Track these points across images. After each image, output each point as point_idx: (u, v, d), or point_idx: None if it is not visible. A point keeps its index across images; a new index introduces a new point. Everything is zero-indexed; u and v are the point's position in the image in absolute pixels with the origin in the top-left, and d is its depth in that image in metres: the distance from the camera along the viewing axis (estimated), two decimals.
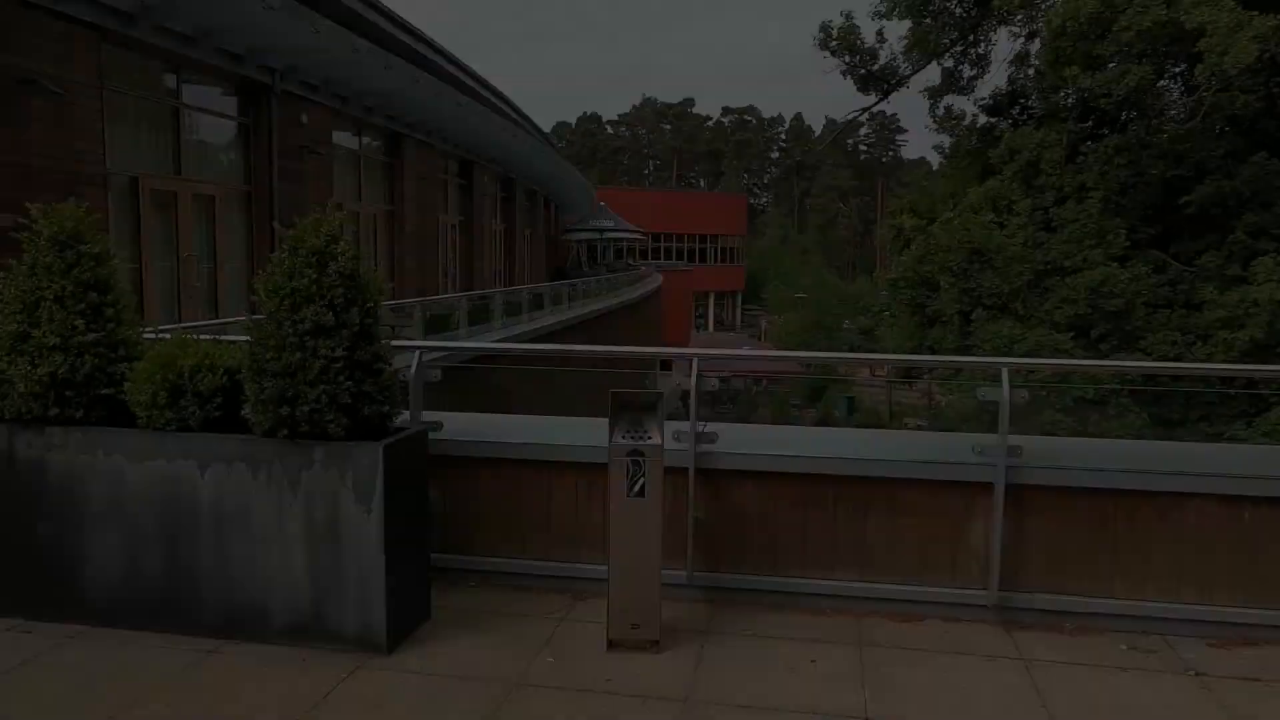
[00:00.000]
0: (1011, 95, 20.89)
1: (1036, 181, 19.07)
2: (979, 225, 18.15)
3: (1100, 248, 17.96)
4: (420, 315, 8.90)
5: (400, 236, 21.74)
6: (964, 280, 17.26)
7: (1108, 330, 18.71)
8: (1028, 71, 20.43)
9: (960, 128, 22.02)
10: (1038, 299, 18.51)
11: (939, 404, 39.13)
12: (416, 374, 4.54)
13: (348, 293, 3.80)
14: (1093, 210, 18.32)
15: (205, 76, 14.21)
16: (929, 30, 19.33)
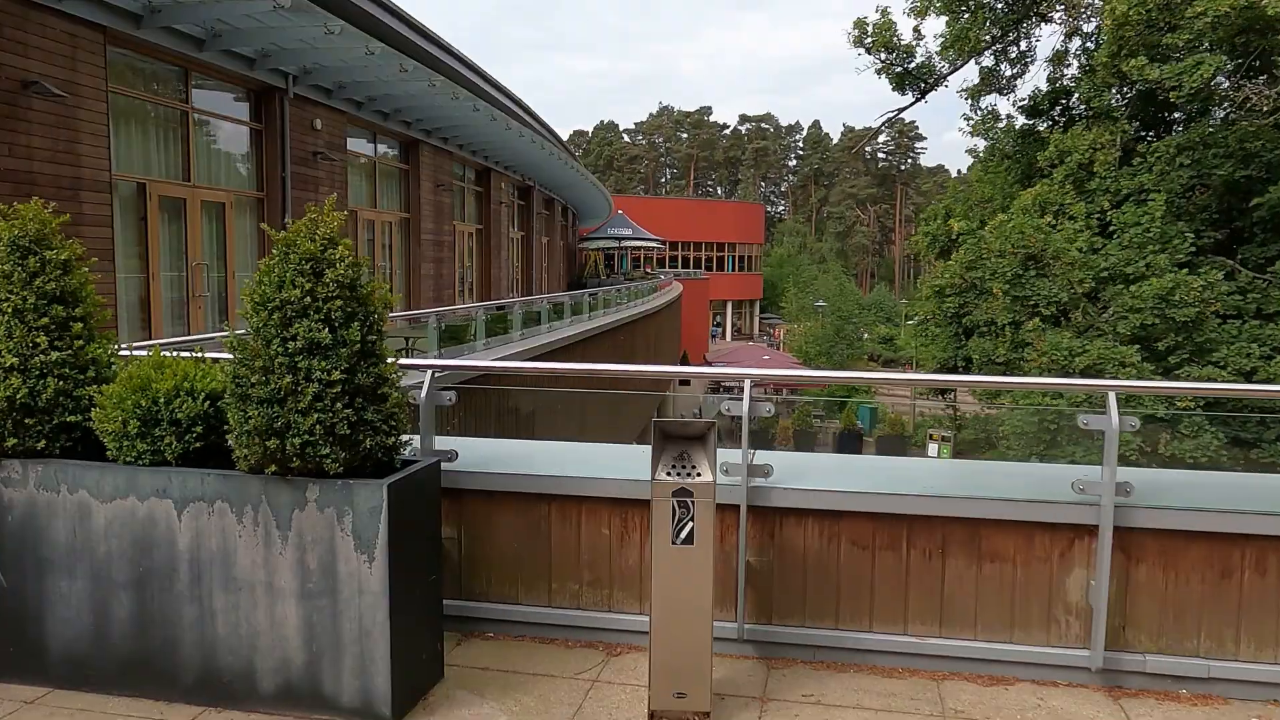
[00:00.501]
0: (1053, 95, 20.00)
1: (1089, 185, 17.98)
2: (1036, 229, 16.94)
3: (1165, 253, 16.85)
4: (436, 326, 8.37)
5: (416, 244, 21.34)
6: (1018, 288, 16.35)
7: (1177, 342, 17.40)
8: (1064, 70, 19.54)
9: (997, 130, 21.13)
10: (1096, 309, 17.41)
11: (964, 416, 38.32)
12: (428, 397, 3.99)
13: (347, 305, 3.26)
14: (1155, 213, 17.15)
15: (216, 80, 13.81)
16: (969, 26, 18.48)
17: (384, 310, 3.45)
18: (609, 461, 4.31)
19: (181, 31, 12.32)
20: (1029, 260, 16.03)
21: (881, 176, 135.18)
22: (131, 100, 12.23)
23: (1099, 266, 17.03)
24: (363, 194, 19.29)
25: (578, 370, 4.27)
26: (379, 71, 15.48)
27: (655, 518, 3.31)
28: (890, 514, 3.83)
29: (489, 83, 23.31)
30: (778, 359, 41.01)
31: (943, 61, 19.45)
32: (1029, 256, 15.94)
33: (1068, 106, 19.79)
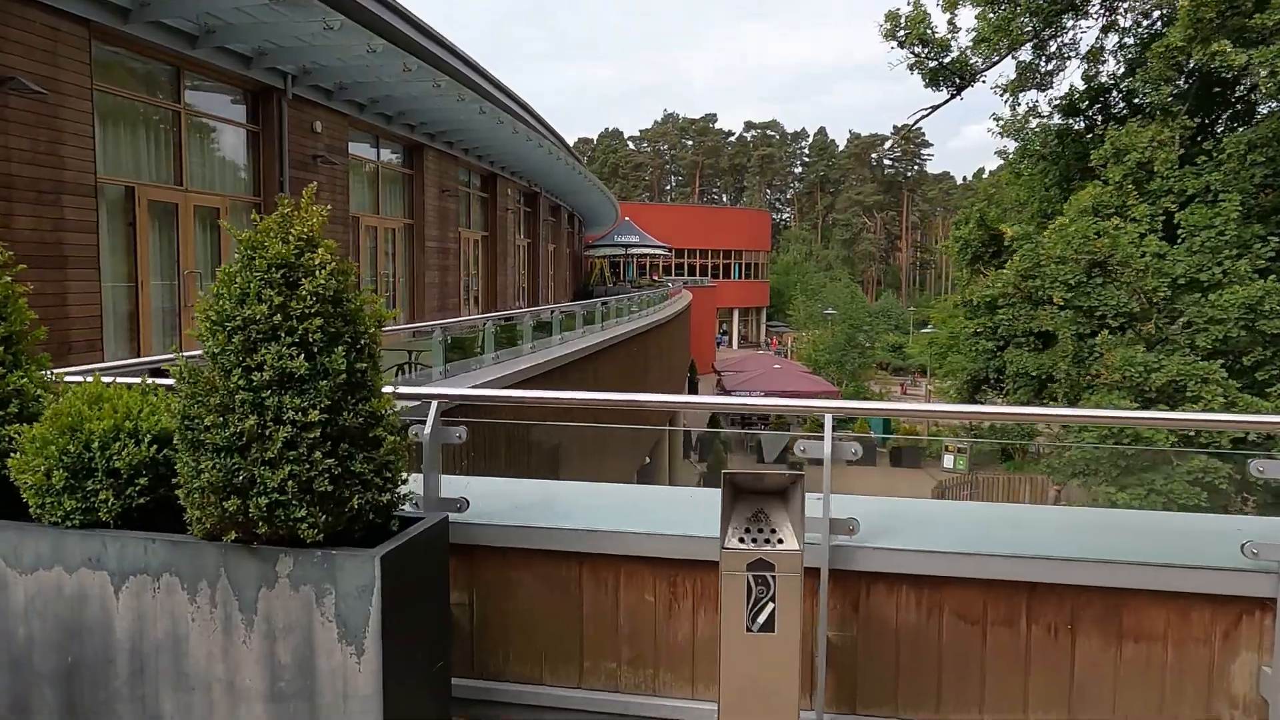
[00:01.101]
0: (1092, 93, 19.06)
1: (1150, 185, 16.68)
2: (1101, 232, 15.60)
3: (1245, 259, 15.60)
4: (441, 340, 7.67)
5: (420, 252, 20.66)
6: (1081, 297, 15.31)
7: (1266, 357, 16.05)
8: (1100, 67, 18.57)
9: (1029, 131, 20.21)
10: (1164, 319, 16.22)
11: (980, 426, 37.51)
12: (433, 434, 3.26)
13: (329, 324, 2.54)
14: (1230, 214, 15.80)
15: (210, 79, 13.14)
16: (1009, 16, 17.51)
17: (376, 330, 2.72)
18: (651, 508, 3.58)
19: (172, 27, 11.65)
20: (1093, 267, 15.03)
21: (888, 183, 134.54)
22: (119, 99, 11.55)
23: (1174, 273, 15.81)
24: (365, 199, 18.62)
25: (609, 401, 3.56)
26: (381, 72, 14.82)
27: (726, 595, 2.58)
28: (1005, 580, 3.09)
29: (494, 85, 22.66)
30: (788, 368, 40.25)
31: (976, 56, 18.54)
32: (1094, 263, 14.90)
33: (1107, 104, 18.90)
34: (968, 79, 18.74)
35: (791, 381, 36.84)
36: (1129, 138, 15.45)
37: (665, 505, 3.64)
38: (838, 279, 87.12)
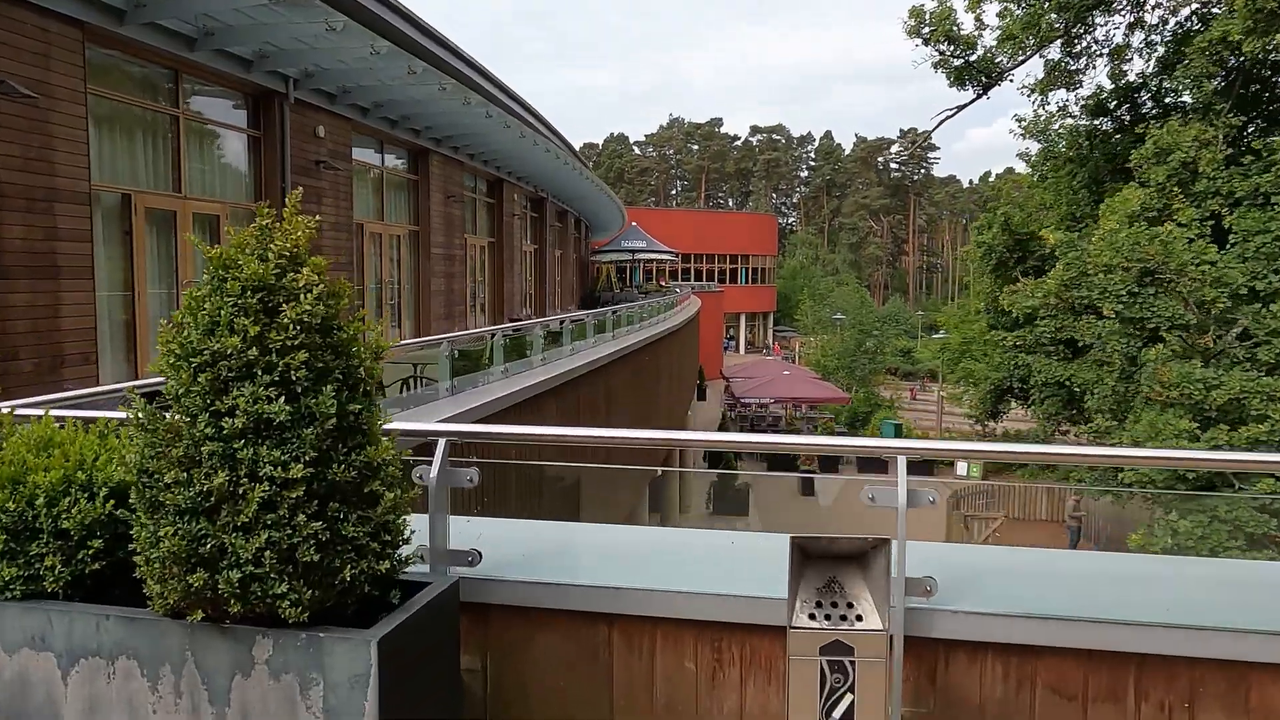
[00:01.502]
0: (1122, 91, 18.44)
1: (1195, 187, 15.69)
2: (1153, 239, 14.53)
3: None
4: (449, 354, 7.25)
5: (426, 259, 20.28)
6: (1132, 308, 14.27)
7: None
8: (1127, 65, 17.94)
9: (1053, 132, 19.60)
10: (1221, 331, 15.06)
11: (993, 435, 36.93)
12: (440, 477, 2.82)
13: (316, 358, 2.11)
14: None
15: (209, 83, 12.77)
16: (1039, 12, 16.84)
17: (374, 364, 2.29)
18: (688, 558, 3.15)
19: (169, 29, 11.26)
20: (1144, 276, 14.30)
21: (894, 187, 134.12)
22: (115, 104, 11.17)
23: (1235, 281, 14.62)
24: (369, 206, 18.24)
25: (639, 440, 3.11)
26: (385, 74, 14.44)
27: (794, 683, 2.15)
28: (1109, 651, 2.64)
29: (499, 88, 22.29)
30: (797, 374, 39.76)
31: (1001, 54, 17.88)
32: (1145, 271, 14.25)
33: (1136, 104, 18.27)
34: (995, 78, 18.09)
35: (801, 388, 36.37)
36: (1171, 137, 14.61)
37: (704, 554, 3.20)
38: (845, 283, 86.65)
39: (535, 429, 2.98)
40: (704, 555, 3.20)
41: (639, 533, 3.52)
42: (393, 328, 19.23)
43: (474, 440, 2.85)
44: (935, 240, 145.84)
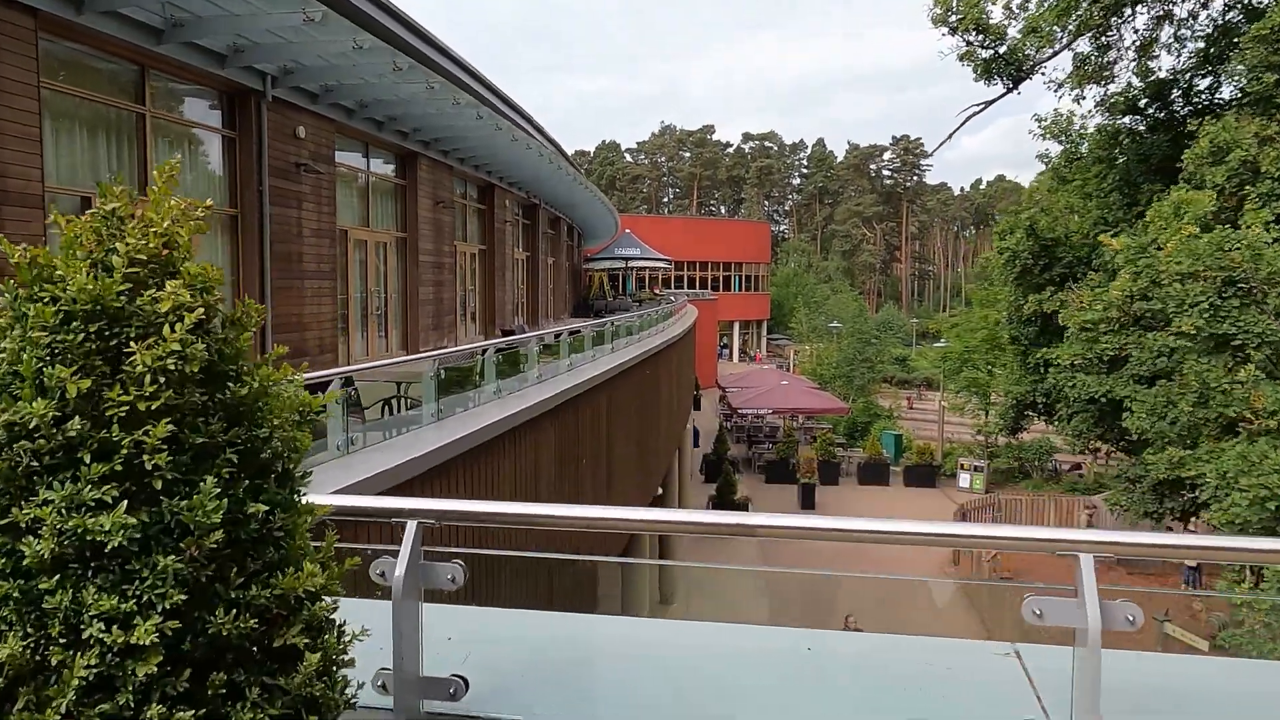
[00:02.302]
0: (1155, 86, 17.71)
1: (1259, 186, 14.21)
2: (1241, 244, 12.96)
3: None
4: (434, 374, 6.41)
5: (414, 266, 19.45)
6: (1214, 322, 12.46)
7: None
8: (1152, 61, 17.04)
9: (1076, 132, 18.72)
10: None
11: (995, 444, 36.25)
12: (410, 573, 1.98)
13: (192, 431, 1.27)
14: None
15: (179, 79, 11.92)
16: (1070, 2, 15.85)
17: (297, 433, 1.46)
18: (759, 672, 2.31)
19: (133, 19, 10.41)
20: (1227, 285, 12.57)
21: (887, 194, 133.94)
22: (73, 100, 10.31)
23: None
24: (354, 211, 17.40)
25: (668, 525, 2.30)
26: (369, 71, 13.62)
27: None
28: None
29: (490, 89, 21.50)
30: (795, 384, 38.97)
31: (1030, 46, 16.94)
32: (1229, 281, 12.51)
33: (1167, 101, 17.37)
34: (1026, 71, 17.14)
35: (799, 398, 35.60)
36: (1229, 133, 13.73)
37: (777, 664, 2.35)
38: (839, 291, 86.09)
39: (540, 509, 2.15)
40: (778, 665, 2.35)
41: (685, 631, 2.67)
42: (379, 338, 18.39)
43: (457, 523, 2.02)
44: (927, 248, 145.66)
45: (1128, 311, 12.84)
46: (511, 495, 7.23)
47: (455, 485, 6.00)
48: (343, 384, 5.24)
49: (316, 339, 14.97)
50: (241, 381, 1.37)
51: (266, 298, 13.40)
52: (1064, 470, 35.11)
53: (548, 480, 8.22)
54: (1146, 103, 16.95)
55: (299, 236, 14.25)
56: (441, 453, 5.64)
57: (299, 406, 1.45)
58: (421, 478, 5.43)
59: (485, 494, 6.64)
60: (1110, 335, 13.17)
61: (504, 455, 6.97)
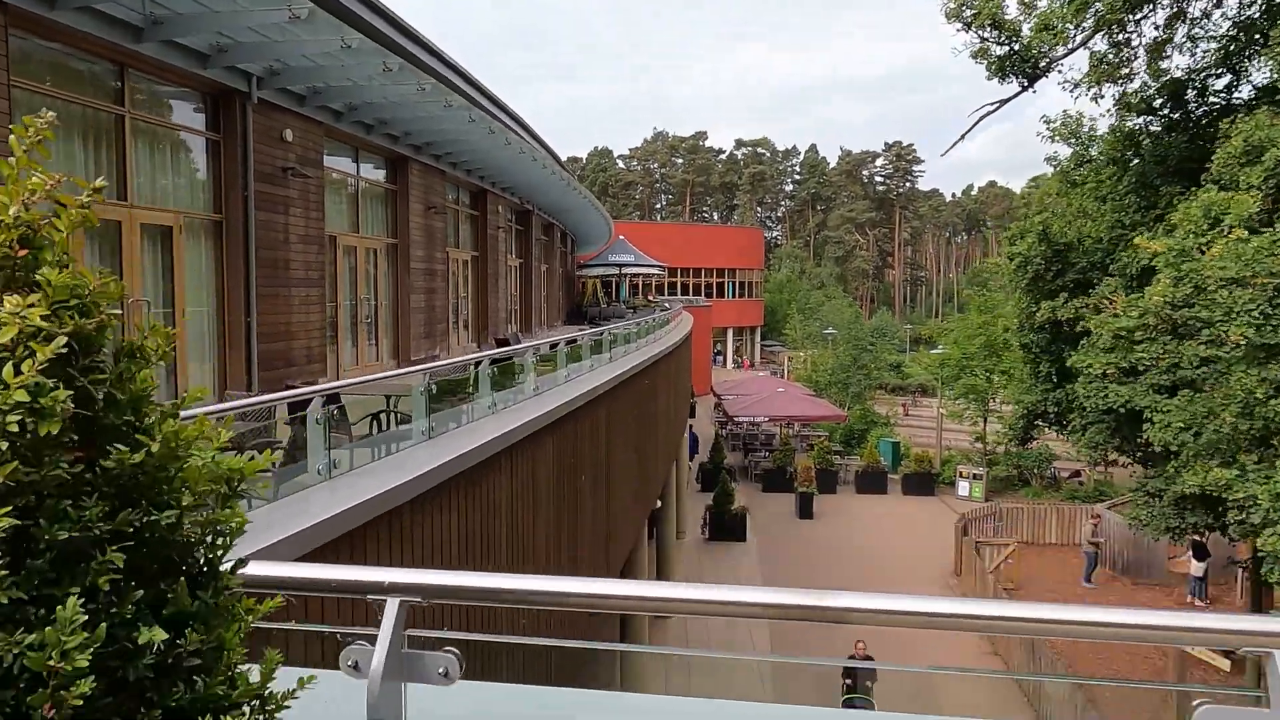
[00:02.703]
0: (1175, 86, 16.76)
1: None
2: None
3: None
4: (424, 389, 5.98)
5: (405, 273, 19.01)
6: (1264, 331, 11.50)
7: None
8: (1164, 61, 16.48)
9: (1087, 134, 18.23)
10: None
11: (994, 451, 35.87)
12: (387, 669, 1.55)
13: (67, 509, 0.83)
14: None
15: (160, 79, 11.47)
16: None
17: (224, 506, 1.02)
18: None
19: (111, 16, 9.96)
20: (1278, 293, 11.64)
21: (879, 200, 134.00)
22: (46, 100, 9.84)
23: None
24: (343, 217, 16.97)
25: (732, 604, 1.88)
26: (358, 73, 13.19)
27: None
28: None
29: (482, 93, 21.11)
30: (792, 391, 38.58)
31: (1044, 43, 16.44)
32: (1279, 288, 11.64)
33: (1182, 100, 16.91)
34: (1041, 69, 16.63)
35: (796, 406, 35.21)
36: (1263, 131, 13.20)
37: None
38: (833, 297, 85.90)
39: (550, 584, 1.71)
40: None
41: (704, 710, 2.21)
42: (369, 346, 17.94)
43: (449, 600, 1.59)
44: (920, 253, 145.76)
45: (1167, 319, 12.23)
46: (510, 516, 6.79)
47: (451, 509, 5.57)
48: (325, 401, 4.80)
49: (304, 348, 14.52)
50: (136, 443, 0.94)
51: (252, 306, 12.95)
52: (1063, 477, 34.76)
53: (546, 500, 7.78)
54: (1162, 103, 16.51)
55: (286, 243, 13.80)
56: (435, 475, 5.20)
57: (226, 475, 1.02)
58: (414, 503, 4.99)
59: (483, 517, 6.20)
60: (1147, 344, 12.57)
61: (501, 473, 6.53)
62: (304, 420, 4.98)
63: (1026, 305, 17.63)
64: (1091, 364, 13.22)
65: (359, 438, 7.28)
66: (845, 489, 34.26)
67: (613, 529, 10.81)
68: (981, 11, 15.57)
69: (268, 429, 5.38)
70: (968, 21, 15.90)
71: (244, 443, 5.49)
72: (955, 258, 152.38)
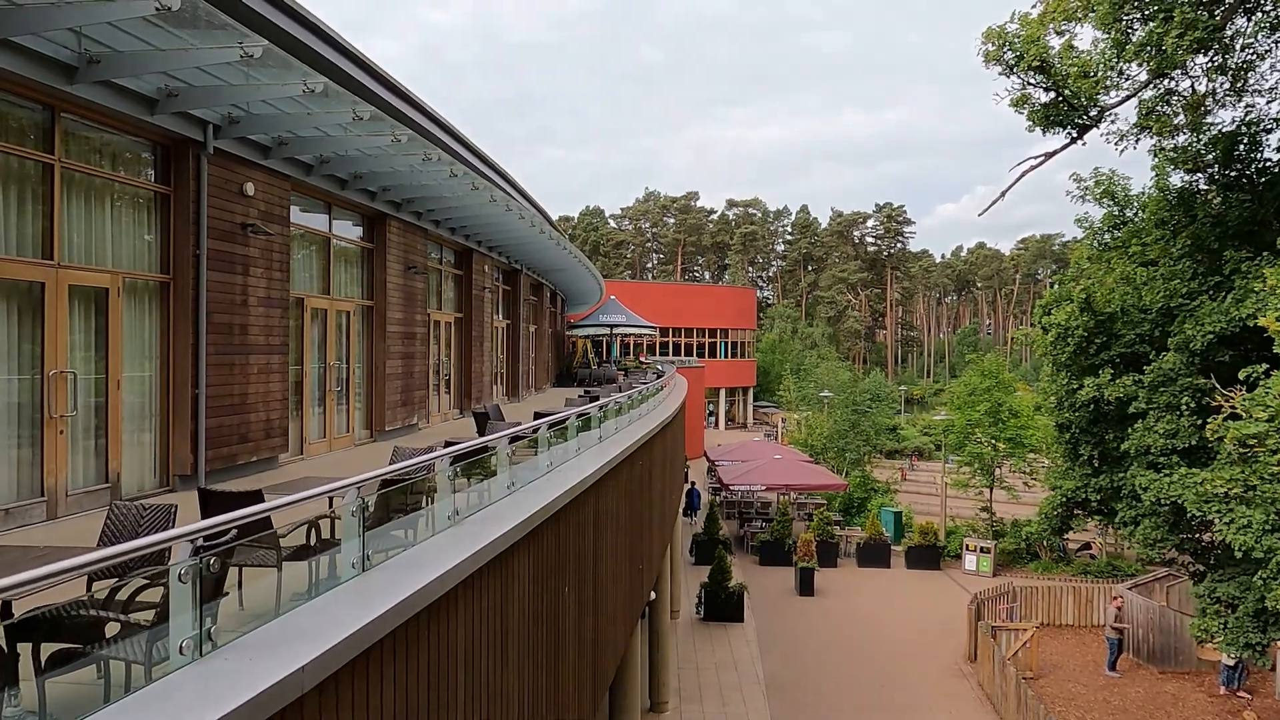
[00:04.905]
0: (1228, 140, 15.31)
1: None
2: None
3: None
4: (358, 510, 4.60)
5: (381, 337, 17.72)
6: None
7: None
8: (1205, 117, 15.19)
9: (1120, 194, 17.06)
10: None
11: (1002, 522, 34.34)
12: None
13: None
14: None
15: (99, 123, 10.26)
16: (1161, 30, 13.16)
17: None
18: None
19: (37, 52, 8.78)
20: None
21: (871, 261, 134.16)
22: None
23: None
24: (313, 277, 15.73)
25: None
26: (327, 122, 12.07)
27: None
28: None
29: (466, 146, 20.07)
30: (789, 456, 37.06)
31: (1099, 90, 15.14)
32: None
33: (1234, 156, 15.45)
34: (1094, 118, 15.31)
35: (794, 474, 33.71)
36: None
37: None
38: (826, 358, 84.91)
39: None
40: None
41: None
42: (339, 416, 16.53)
43: None
44: (912, 314, 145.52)
45: None
46: (471, 662, 5.36)
47: (385, 677, 4.16)
48: (194, 552, 3.43)
49: (263, 421, 13.11)
50: None
51: (201, 375, 11.59)
52: (1073, 550, 33.22)
53: (519, 628, 6.34)
54: (1214, 158, 15.25)
55: (243, 305, 12.50)
56: (365, 635, 3.81)
57: None
58: (320, 688, 3.57)
59: (432, 674, 4.78)
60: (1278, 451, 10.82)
61: (458, 610, 5.12)
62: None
63: (1065, 381, 16.15)
64: (1211, 481, 11.49)
65: (290, 551, 5.88)
66: (847, 562, 32.60)
67: (601, 642, 9.30)
68: (1026, 54, 14.35)
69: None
70: (1010, 65, 14.70)
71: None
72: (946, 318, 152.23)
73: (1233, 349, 14.43)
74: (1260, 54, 14.84)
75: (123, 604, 4.35)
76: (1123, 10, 13.73)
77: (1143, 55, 13.44)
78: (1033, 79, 14.99)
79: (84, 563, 2.91)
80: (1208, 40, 13.15)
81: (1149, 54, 13.30)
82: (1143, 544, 14.78)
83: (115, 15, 8.19)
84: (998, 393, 35.64)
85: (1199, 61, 14.66)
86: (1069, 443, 16.73)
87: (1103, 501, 16.04)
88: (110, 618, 4.25)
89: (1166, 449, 13.87)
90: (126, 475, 10.73)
